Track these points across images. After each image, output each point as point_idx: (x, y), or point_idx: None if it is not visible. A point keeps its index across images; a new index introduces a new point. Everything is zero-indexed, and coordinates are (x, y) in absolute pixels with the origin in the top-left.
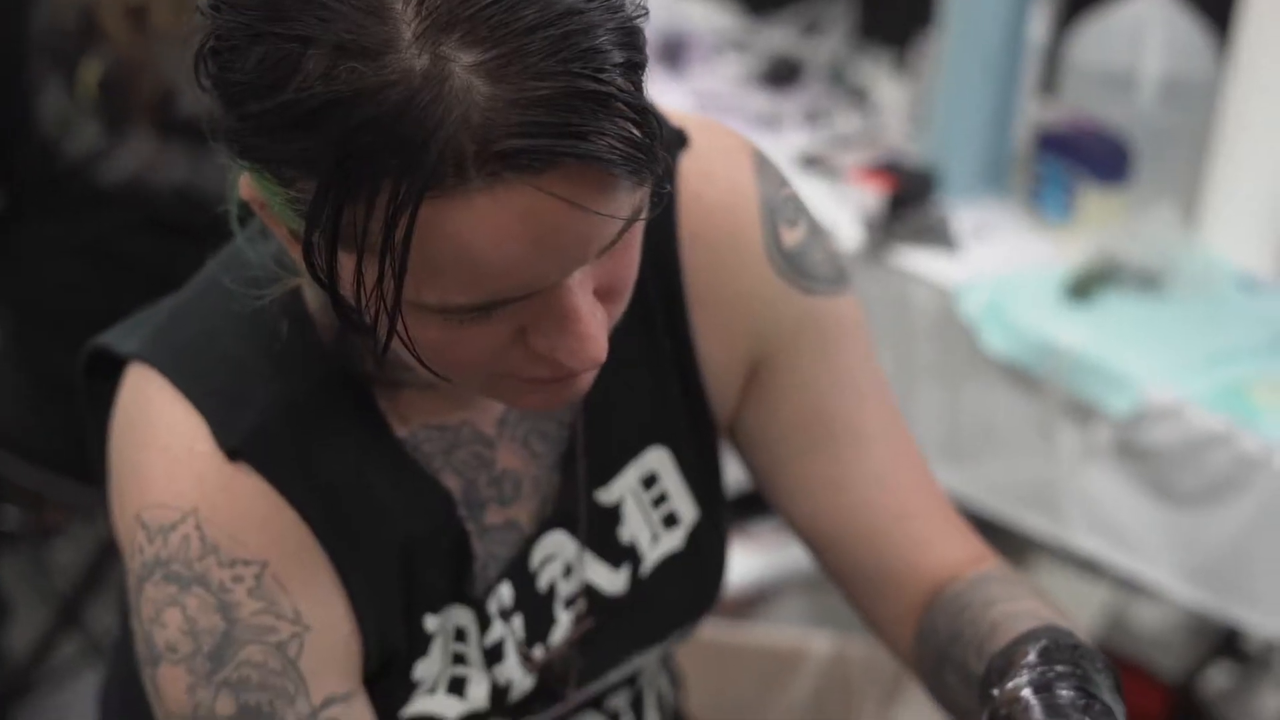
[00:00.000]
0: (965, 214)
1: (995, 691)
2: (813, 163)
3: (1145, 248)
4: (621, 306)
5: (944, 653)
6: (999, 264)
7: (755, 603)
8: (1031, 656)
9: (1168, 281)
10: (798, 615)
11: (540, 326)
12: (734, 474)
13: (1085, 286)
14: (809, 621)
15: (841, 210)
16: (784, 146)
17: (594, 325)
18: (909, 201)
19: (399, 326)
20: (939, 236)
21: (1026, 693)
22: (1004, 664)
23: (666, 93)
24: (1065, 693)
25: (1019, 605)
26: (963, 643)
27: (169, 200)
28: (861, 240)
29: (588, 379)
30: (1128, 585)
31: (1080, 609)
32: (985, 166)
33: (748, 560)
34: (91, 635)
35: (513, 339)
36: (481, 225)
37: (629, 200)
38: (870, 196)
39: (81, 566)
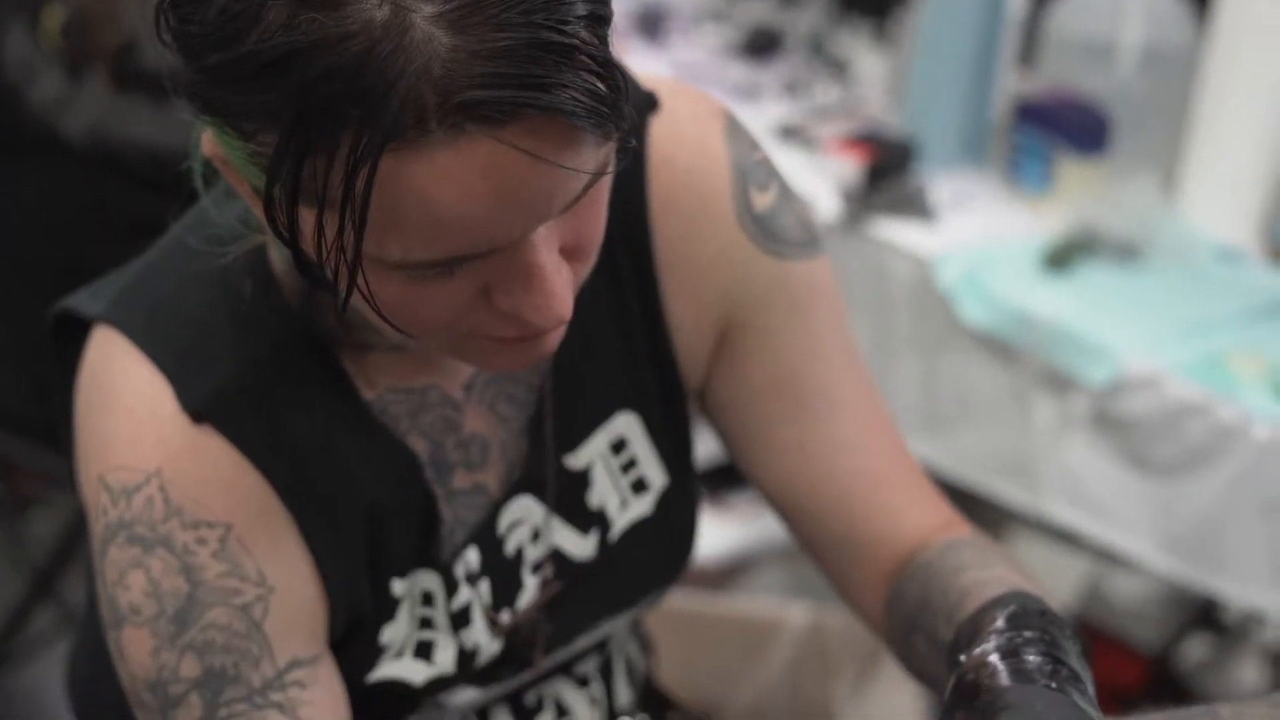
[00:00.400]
0: (943, 185)
1: (962, 657)
2: (791, 133)
3: (1124, 218)
4: (588, 266)
5: (913, 620)
6: (977, 235)
7: (732, 573)
8: (1000, 622)
9: (1146, 252)
10: (775, 586)
11: (504, 284)
12: (711, 445)
13: (1063, 257)
14: (786, 592)
15: (820, 181)
16: (763, 117)
17: (559, 283)
18: (887, 172)
19: (360, 282)
20: (917, 207)
21: (994, 658)
22: (972, 630)
23: (646, 63)
24: (1032, 658)
25: (989, 572)
26: (932, 610)
27: (133, 153)
28: (839, 211)
29: (554, 339)
30: (1106, 557)
31: (1058, 580)
32: (964, 137)
33: (725, 531)
34: (66, 606)
35: (477, 297)
36: (443, 178)
37: (593, 155)
38: (848, 167)
39: (57, 536)
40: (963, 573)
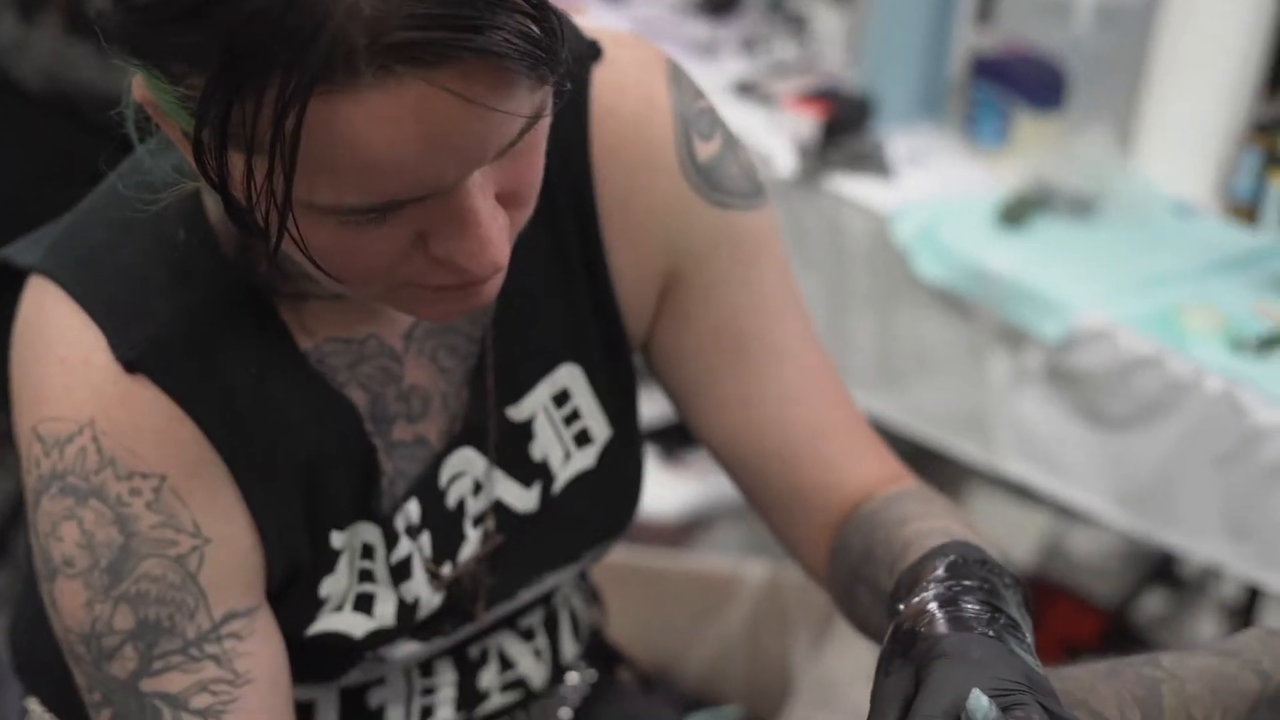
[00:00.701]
0: (900, 141)
1: (901, 605)
2: (749, 89)
3: (1079, 174)
4: (525, 213)
5: (856, 571)
6: (933, 190)
7: (690, 531)
8: (939, 571)
9: (1101, 207)
10: (732, 543)
11: (439, 231)
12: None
13: (1019, 212)
14: (743, 549)
15: (777, 137)
16: (721, 74)
17: (495, 229)
18: (844, 128)
19: (290, 227)
20: (874, 163)
21: (932, 606)
22: (912, 579)
23: (605, 19)
24: (970, 606)
25: (932, 523)
26: (874, 560)
27: (86, 98)
28: (796, 167)
29: (491, 288)
30: (1065, 512)
31: (1018, 536)
32: (921, 93)
33: (682, 488)
34: (21, 566)
35: (412, 245)
36: (373, 122)
37: (528, 100)
38: (805, 123)
39: (8, 495)
40: (906, 524)
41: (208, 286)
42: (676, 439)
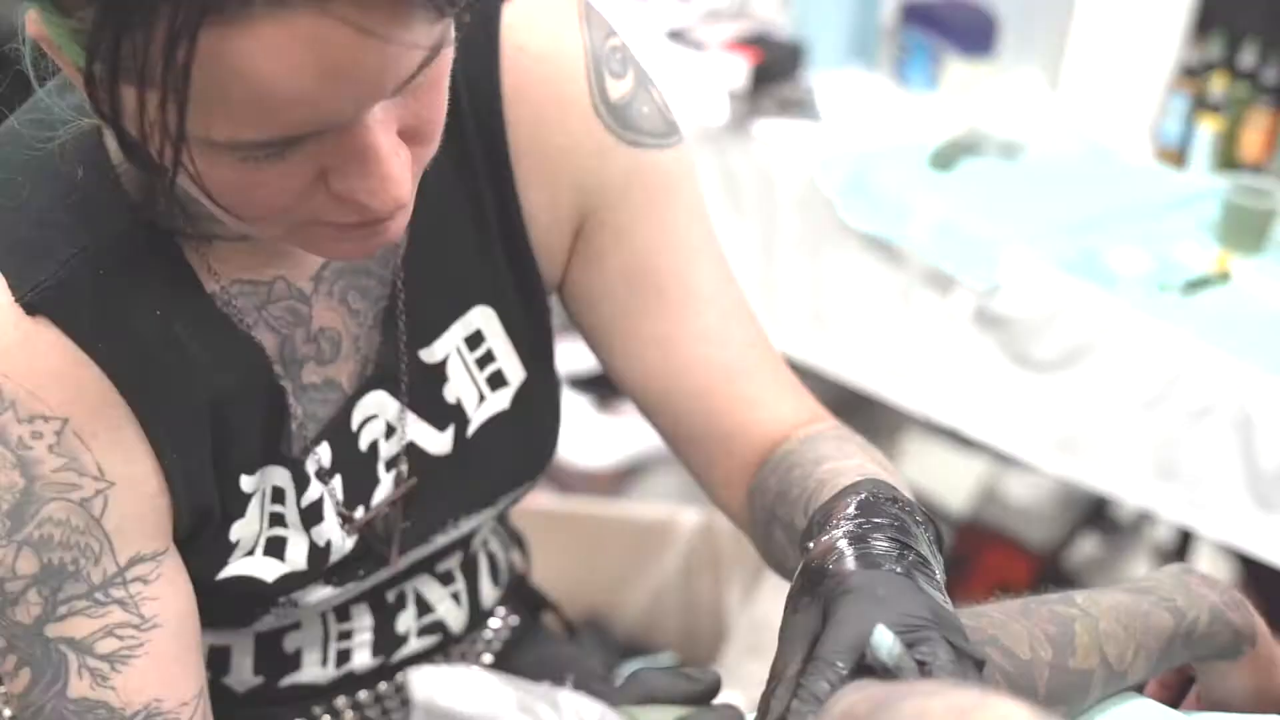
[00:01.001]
0: (831, 86)
1: (811, 543)
2: (680, 35)
3: (1008, 118)
4: (429, 150)
5: (773, 511)
6: (863, 135)
7: (624, 479)
8: (850, 509)
9: (1030, 151)
10: (666, 491)
11: (340, 167)
12: None
13: (948, 157)
14: (678, 497)
15: (708, 82)
16: (654, 19)
17: (395, 165)
18: (776, 74)
19: (188, 163)
20: (805, 108)
21: (842, 543)
22: (823, 517)
23: None
24: (880, 544)
25: (847, 462)
26: (790, 500)
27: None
28: (727, 113)
29: (396, 227)
30: (1002, 459)
31: (955, 482)
32: (852, 39)
33: (616, 437)
34: None
35: (314, 182)
36: (267, 53)
37: (427, 32)
38: (736, 69)
39: None
40: (821, 463)
41: (111, 228)
42: (609, 387)
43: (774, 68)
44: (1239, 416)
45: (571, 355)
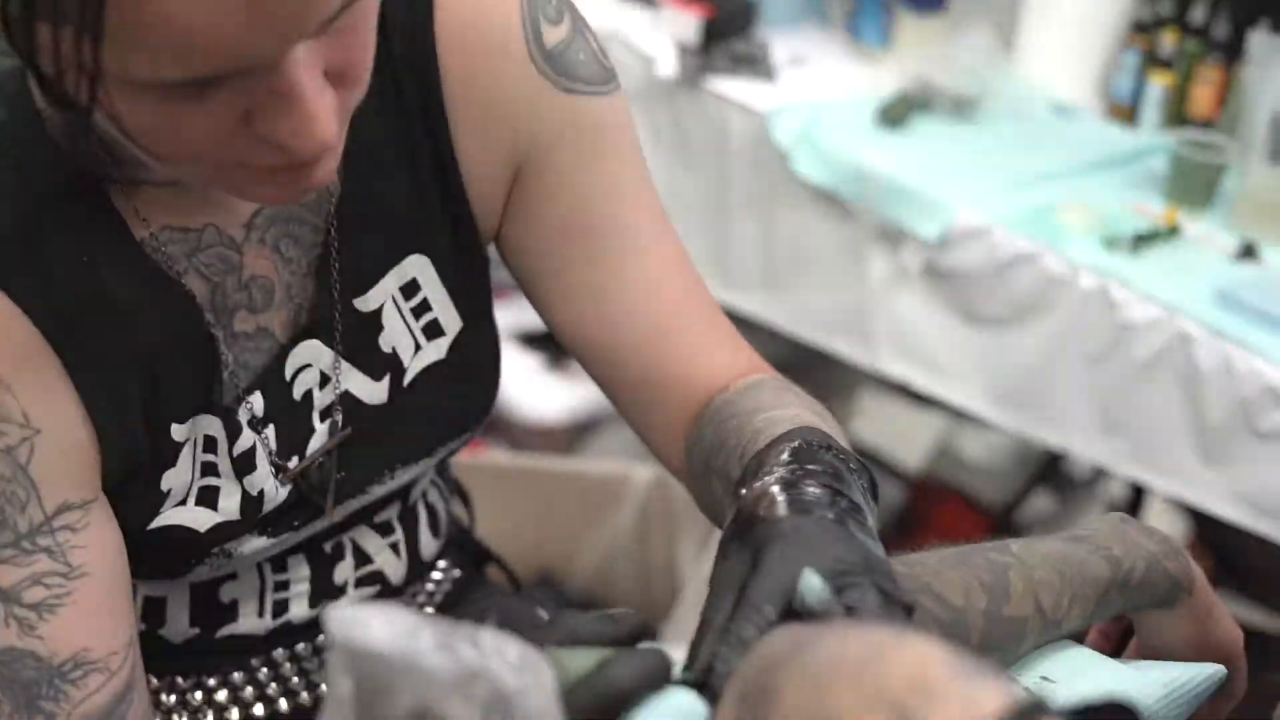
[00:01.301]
0: (783, 42)
1: (743, 490)
2: None
3: (960, 74)
4: (356, 94)
5: (709, 462)
6: (815, 92)
7: (577, 435)
8: (784, 456)
9: (981, 107)
10: (620, 447)
11: (264, 108)
12: None
13: (899, 112)
14: (631, 453)
15: (659, 37)
16: None
17: (320, 106)
18: (728, 30)
19: (104, 100)
20: (757, 65)
21: (774, 489)
22: (757, 465)
23: None
24: (813, 490)
25: (784, 412)
26: (726, 450)
27: None
28: (678, 68)
29: (323, 170)
30: (958, 415)
31: (910, 438)
32: None
33: (569, 393)
34: None
35: (238, 123)
36: None
37: None
38: (688, 24)
39: None
40: (758, 414)
41: (35, 172)
42: None
43: (726, 23)
44: (1186, 371)
45: (524, 312)
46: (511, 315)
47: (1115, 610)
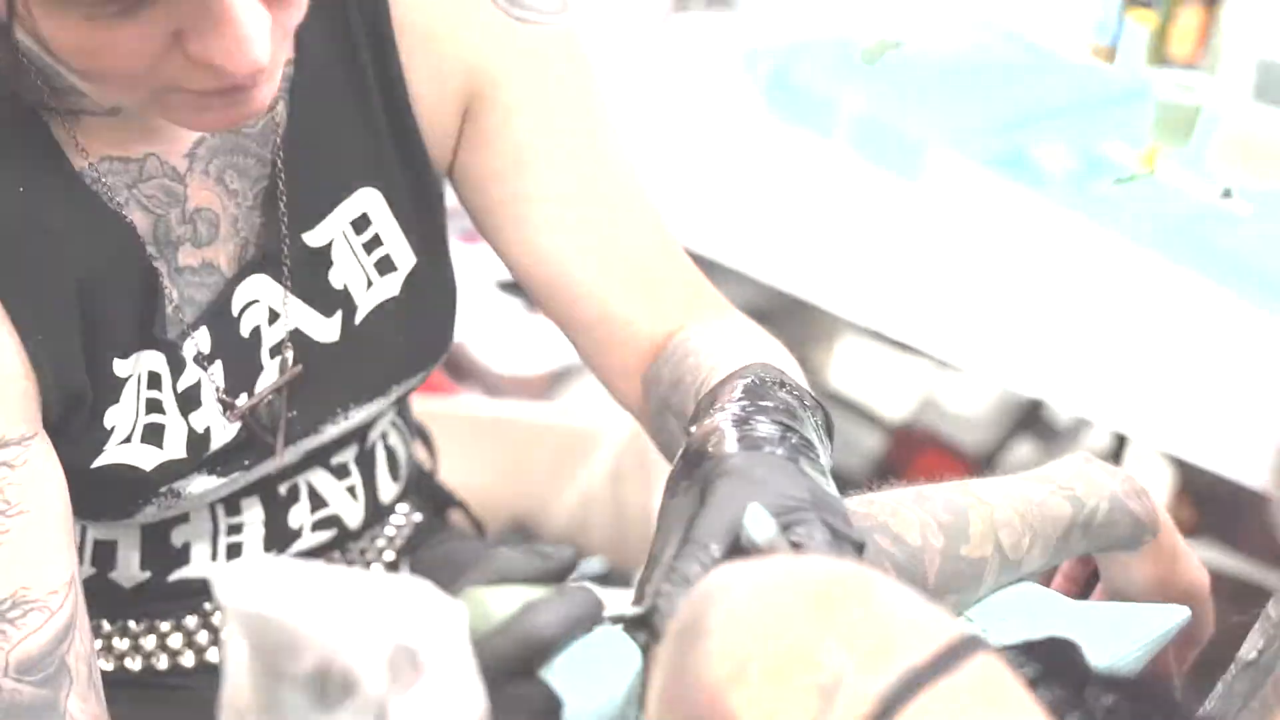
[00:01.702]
0: None
1: (694, 427)
2: None
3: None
4: (294, 15)
5: (666, 400)
6: (791, 28)
7: (553, 383)
8: (737, 393)
9: (960, 47)
10: (599, 395)
11: (195, 27)
12: None
13: (876, 52)
14: (607, 402)
15: None
16: None
17: (253, 25)
18: None
19: (26, 17)
20: (729, 2)
21: (725, 425)
22: (709, 402)
23: None
24: (764, 426)
25: (743, 349)
26: (683, 388)
27: None
28: (651, 5)
29: (260, 95)
30: (941, 364)
31: (893, 388)
32: None
33: (545, 340)
34: None
35: (170, 45)
36: None
37: None
38: None
39: None
40: (715, 352)
41: None
42: None
43: None
44: (1165, 315)
45: None
46: (488, 260)
47: (1078, 551)
